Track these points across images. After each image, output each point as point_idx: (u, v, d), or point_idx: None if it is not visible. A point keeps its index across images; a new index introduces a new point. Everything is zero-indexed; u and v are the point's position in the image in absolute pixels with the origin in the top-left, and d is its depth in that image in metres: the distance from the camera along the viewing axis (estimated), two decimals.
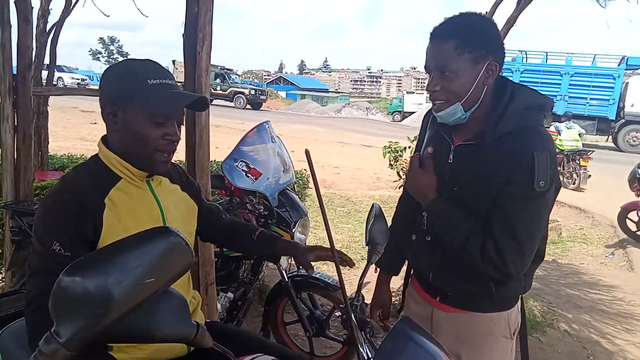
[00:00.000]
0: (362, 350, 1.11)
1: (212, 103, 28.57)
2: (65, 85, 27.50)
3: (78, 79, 31.36)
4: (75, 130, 12.64)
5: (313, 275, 2.63)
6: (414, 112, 34.81)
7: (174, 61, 29.78)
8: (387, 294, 1.77)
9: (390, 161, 7.07)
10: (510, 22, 3.30)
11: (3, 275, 2.92)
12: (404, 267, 1.78)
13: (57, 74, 30.24)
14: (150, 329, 0.73)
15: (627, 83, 18.70)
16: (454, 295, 1.48)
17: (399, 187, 6.61)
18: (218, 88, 28.62)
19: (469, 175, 1.35)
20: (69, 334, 0.62)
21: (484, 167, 1.32)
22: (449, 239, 1.39)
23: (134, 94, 1.20)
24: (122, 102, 1.22)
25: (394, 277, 1.80)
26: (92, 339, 0.63)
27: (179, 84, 1.50)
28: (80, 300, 0.62)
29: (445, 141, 1.43)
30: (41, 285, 1.08)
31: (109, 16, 4.46)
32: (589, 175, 9.87)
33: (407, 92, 45.81)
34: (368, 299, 1.76)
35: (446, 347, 1.12)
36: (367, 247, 1.53)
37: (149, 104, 1.21)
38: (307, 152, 0.96)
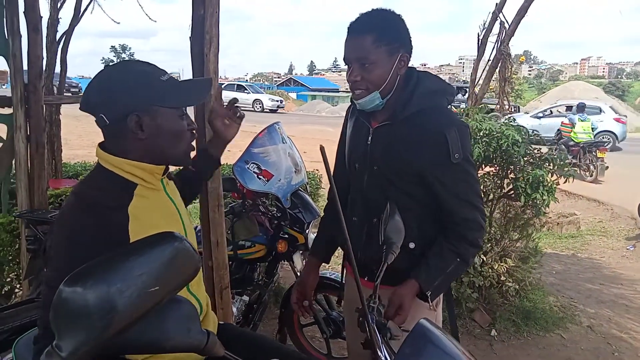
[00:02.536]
0: (380, 353, 1.07)
1: None
2: (265, 109, 26.54)
3: (277, 101, 28.36)
4: (90, 139, 12.74)
5: (328, 276, 2.60)
6: None
7: None
8: (313, 279, 1.86)
9: None
10: (521, 12, 3.24)
11: (20, 285, 2.94)
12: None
13: (253, 96, 27.15)
14: (159, 340, 0.70)
15: None
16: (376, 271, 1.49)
17: None
18: None
19: (386, 153, 1.50)
20: (70, 347, 0.59)
21: (398, 144, 1.47)
22: (455, 271, 1.50)
23: (159, 95, 1.14)
24: (148, 107, 1.14)
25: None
26: (95, 351, 0.60)
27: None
28: (82, 312, 0.59)
29: (365, 126, 1.58)
30: None
31: (119, 23, 4.49)
32: (607, 167, 9.71)
33: None
34: None
35: None
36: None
37: (178, 99, 1.17)
38: (322, 149, 0.95)
